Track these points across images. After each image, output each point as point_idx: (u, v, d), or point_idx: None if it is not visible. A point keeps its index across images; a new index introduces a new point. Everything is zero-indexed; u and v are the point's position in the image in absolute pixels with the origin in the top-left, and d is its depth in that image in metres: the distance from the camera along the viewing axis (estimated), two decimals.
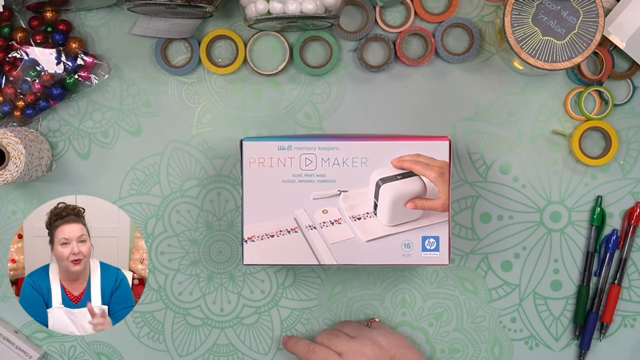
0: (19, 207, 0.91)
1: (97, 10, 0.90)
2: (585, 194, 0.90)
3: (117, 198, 0.91)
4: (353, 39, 0.88)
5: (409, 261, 0.80)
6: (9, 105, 0.88)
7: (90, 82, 0.89)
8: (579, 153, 0.88)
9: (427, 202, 0.80)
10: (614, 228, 0.90)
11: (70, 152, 0.91)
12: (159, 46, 0.89)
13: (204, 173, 0.91)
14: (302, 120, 0.90)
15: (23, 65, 0.87)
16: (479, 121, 0.90)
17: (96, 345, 0.92)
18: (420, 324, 0.91)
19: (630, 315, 0.91)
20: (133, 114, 0.90)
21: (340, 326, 0.89)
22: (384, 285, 0.91)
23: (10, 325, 0.92)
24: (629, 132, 0.89)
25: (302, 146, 0.80)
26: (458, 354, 0.91)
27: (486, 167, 0.90)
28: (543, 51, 0.80)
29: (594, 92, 0.89)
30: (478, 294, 0.91)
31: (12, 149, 0.83)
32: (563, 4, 0.80)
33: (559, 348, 0.91)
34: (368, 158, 0.80)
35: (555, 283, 0.91)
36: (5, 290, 0.92)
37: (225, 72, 0.89)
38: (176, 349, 0.92)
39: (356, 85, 0.90)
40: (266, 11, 0.81)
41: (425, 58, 0.88)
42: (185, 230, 0.91)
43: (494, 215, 0.90)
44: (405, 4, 0.89)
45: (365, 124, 0.90)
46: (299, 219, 0.80)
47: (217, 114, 0.90)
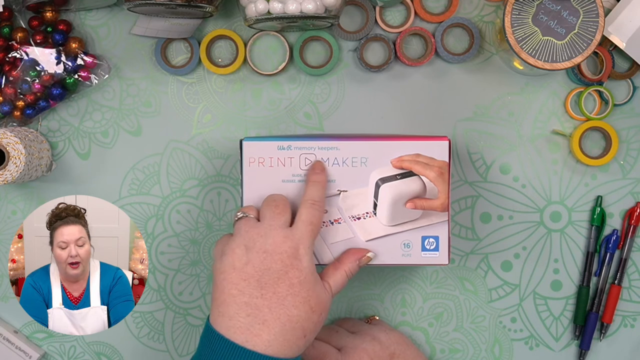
0: (19, 207, 0.91)
1: (97, 10, 0.90)
2: (585, 194, 0.90)
3: (117, 198, 0.91)
4: (353, 39, 0.88)
5: (409, 261, 0.80)
6: (9, 105, 0.88)
7: (90, 82, 0.89)
8: (579, 153, 0.88)
9: (427, 202, 0.80)
10: (614, 228, 0.90)
11: (70, 152, 0.91)
12: (159, 46, 0.89)
13: (204, 173, 0.91)
14: (302, 120, 0.90)
15: (23, 65, 0.87)
16: (479, 121, 0.90)
17: (96, 345, 0.92)
18: (420, 324, 0.91)
19: (630, 315, 0.91)
20: (133, 114, 0.90)
21: (340, 322, 0.89)
22: (384, 285, 0.91)
23: (10, 325, 0.92)
24: (629, 132, 0.89)
25: (302, 146, 0.80)
26: (458, 354, 0.91)
27: (486, 167, 0.90)
28: (543, 51, 0.80)
29: (594, 92, 0.89)
30: (478, 294, 0.91)
31: (12, 149, 0.83)
32: (563, 4, 0.80)
33: (559, 348, 0.91)
34: (368, 158, 0.80)
35: (555, 283, 0.91)
36: (5, 290, 0.92)
37: (225, 72, 0.89)
38: (176, 349, 0.92)
39: (356, 85, 0.90)
40: (266, 11, 0.81)
41: (425, 58, 0.88)
42: (185, 230, 0.91)
43: (494, 215, 0.90)
44: (405, 4, 0.89)
45: (365, 124, 0.90)
46: None
47: (217, 114, 0.90)
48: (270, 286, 0.72)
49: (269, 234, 0.73)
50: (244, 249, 0.73)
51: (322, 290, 0.74)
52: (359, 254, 0.78)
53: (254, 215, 0.75)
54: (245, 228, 0.74)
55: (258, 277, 0.72)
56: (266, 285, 0.72)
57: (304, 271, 0.72)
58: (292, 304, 0.72)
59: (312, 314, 0.73)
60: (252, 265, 0.72)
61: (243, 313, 0.71)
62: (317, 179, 0.78)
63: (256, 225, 0.74)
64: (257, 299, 0.71)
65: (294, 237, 0.73)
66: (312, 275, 0.73)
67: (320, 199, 0.76)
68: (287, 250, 0.72)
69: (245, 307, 0.71)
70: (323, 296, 0.74)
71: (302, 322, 0.72)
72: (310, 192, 0.77)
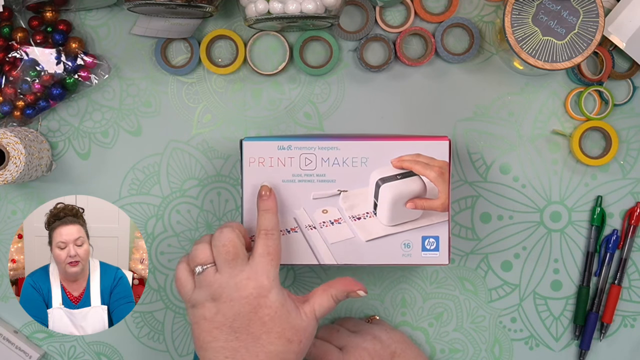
0: (19, 207, 0.91)
1: (97, 10, 0.90)
2: (585, 194, 0.90)
3: (117, 198, 0.91)
4: (353, 39, 0.88)
5: (409, 261, 0.80)
6: (9, 105, 0.88)
7: (90, 82, 0.89)
8: (579, 153, 0.88)
9: (427, 202, 0.80)
10: (614, 228, 0.90)
11: (70, 152, 0.91)
12: (159, 46, 0.89)
13: (204, 173, 0.91)
14: (302, 120, 0.90)
15: (23, 65, 0.87)
16: (479, 121, 0.90)
17: (96, 345, 0.92)
18: (420, 324, 0.91)
19: (630, 315, 0.91)
20: (133, 114, 0.90)
21: (341, 322, 0.89)
22: (384, 285, 0.91)
23: (10, 325, 0.92)
24: (629, 132, 0.89)
25: (302, 146, 0.80)
26: (458, 354, 0.91)
27: (486, 167, 0.90)
28: (543, 51, 0.80)
29: (594, 92, 0.89)
30: (478, 294, 0.91)
31: (12, 149, 0.83)
32: (563, 4, 0.80)
33: (559, 348, 0.91)
34: (368, 158, 0.80)
35: (555, 283, 0.91)
36: (5, 290, 0.92)
37: (225, 72, 0.89)
38: (176, 349, 0.92)
39: (356, 85, 0.90)
40: (266, 11, 0.81)
41: (425, 58, 0.88)
42: (185, 230, 0.91)
43: (494, 215, 0.90)
44: (405, 4, 0.89)
45: (365, 124, 0.90)
46: (299, 219, 0.80)
47: (217, 114, 0.90)
48: (243, 329, 0.73)
49: (230, 282, 0.73)
50: (211, 300, 0.74)
51: (299, 318, 0.74)
52: (351, 286, 0.77)
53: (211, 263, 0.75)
54: (206, 282, 0.74)
55: (229, 324, 0.73)
56: (239, 329, 0.73)
57: (273, 307, 0.73)
58: (268, 341, 0.73)
59: (291, 345, 0.73)
60: (222, 314, 0.73)
61: (221, 356, 0.73)
62: (265, 206, 0.78)
63: (217, 277, 0.74)
64: (232, 342, 0.73)
65: (256, 275, 0.73)
66: (283, 307, 0.73)
67: (273, 227, 0.76)
68: (253, 292, 0.73)
69: (222, 350, 0.73)
70: (301, 324, 0.74)
71: (282, 355, 0.73)
72: (262, 222, 0.77)
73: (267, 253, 0.75)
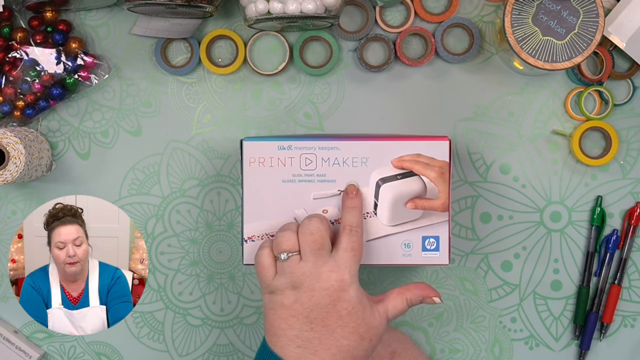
0: (19, 207, 0.91)
1: (97, 10, 0.90)
2: (585, 194, 0.90)
3: (117, 198, 0.91)
4: (353, 39, 0.88)
5: (409, 261, 0.80)
6: (9, 105, 0.88)
7: (90, 82, 0.89)
8: (579, 153, 0.88)
9: (427, 202, 0.80)
10: (614, 228, 0.90)
11: (70, 152, 0.91)
12: (159, 46, 0.89)
13: (204, 173, 0.91)
14: (302, 120, 0.90)
15: (23, 65, 0.87)
16: (479, 121, 0.90)
17: (96, 345, 0.92)
18: (420, 324, 0.91)
19: (630, 315, 0.91)
20: (133, 114, 0.90)
21: None
22: (384, 285, 0.91)
23: (10, 325, 0.92)
24: (629, 132, 0.89)
25: (302, 146, 0.80)
26: (458, 354, 0.91)
27: (486, 167, 0.90)
28: (543, 51, 0.80)
29: (594, 92, 0.89)
30: (478, 294, 0.91)
31: (12, 149, 0.83)
32: (563, 4, 0.80)
33: (559, 348, 0.91)
34: (368, 158, 0.80)
35: (555, 283, 0.91)
36: (5, 290, 0.92)
37: (225, 72, 0.89)
38: (176, 349, 0.92)
39: (356, 85, 0.90)
40: (266, 11, 0.81)
41: (425, 58, 0.88)
42: (185, 230, 0.91)
43: (494, 215, 0.90)
44: (405, 4, 0.89)
45: (365, 124, 0.90)
46: (299, 219, 0.80)
47: (217, 114, 0.90)
48: (319, 320, 0.73)
49: (314, 272, 0.73)
50: (291, 288, 0.74)
51: (372, 317, 0.75)
52: (427, 292, 0.77)
53: (296, 251, 0.75)
54: (290, 270, 0.74)
55: (307, 314, 0.73)
56: (315, 320, 0.73)
57: (351, 302, 0.73)
58: (342, 335, 0.73)
59: (362, 342, 0.74)
60: (301, 303, 0.73)
61: (293, 345, 0.73)
62: (352, 204, 0.78)
63: (300, 265, 0.74)
64: (307, 332, 0.73)
65: (339, 269, 0.74)
66: (360, 304, 0.74)
67: (358, 224, 0.77)
68: (334, 284, 0.73)
69: (295, 339, 0.73)
70: (373, 322, 0.74)
71: (352, 351, 0.73)
72: (348, 218, 0.77)
73: (352, 248, 0.75)
